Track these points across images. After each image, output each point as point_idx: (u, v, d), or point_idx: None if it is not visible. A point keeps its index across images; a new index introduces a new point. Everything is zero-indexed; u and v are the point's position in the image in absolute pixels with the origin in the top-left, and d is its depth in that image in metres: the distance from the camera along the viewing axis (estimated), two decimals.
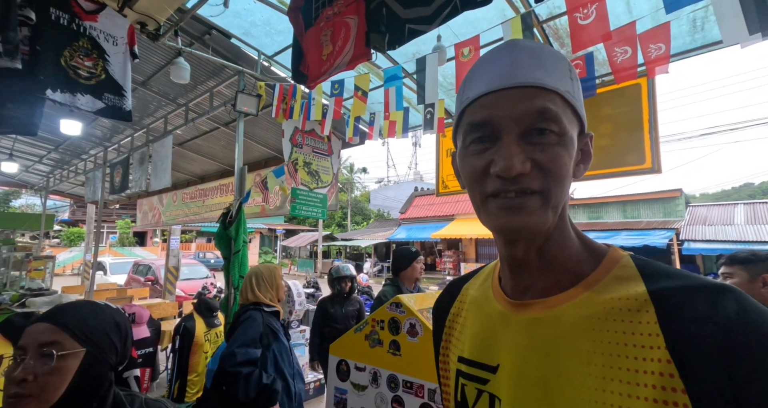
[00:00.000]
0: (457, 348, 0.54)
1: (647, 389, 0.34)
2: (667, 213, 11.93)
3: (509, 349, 0.45)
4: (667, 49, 1.88)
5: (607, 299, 0.40)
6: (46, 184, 9.25)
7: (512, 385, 0.43)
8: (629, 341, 0.37)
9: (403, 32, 1.27)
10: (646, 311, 0.37)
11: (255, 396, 1.57)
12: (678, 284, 0.37)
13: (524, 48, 0.43)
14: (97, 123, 5.39)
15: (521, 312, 0.45)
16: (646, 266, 0.41)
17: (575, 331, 0.40)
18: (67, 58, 1.87)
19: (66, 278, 15.88)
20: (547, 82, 0.40)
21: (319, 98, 3.01)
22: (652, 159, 2.52)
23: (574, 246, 0.45)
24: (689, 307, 0.35)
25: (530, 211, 0.40)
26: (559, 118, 0.40)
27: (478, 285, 0.55)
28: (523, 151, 0.40)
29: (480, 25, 2.63)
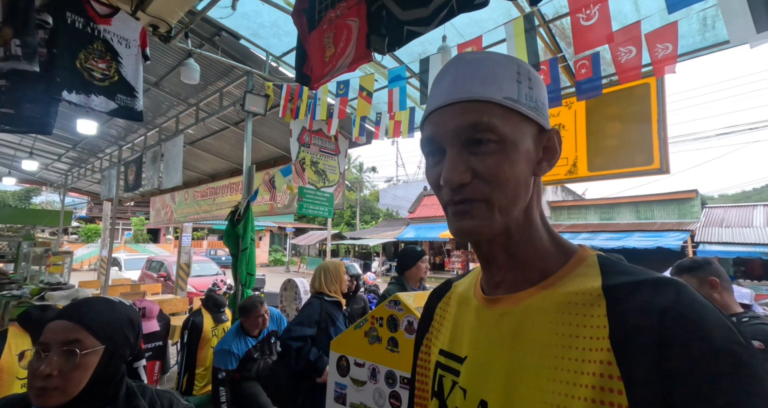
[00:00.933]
0: (439, 341, 0.56)
1: (590, 377, 0.36)
2: (681, 214, 11.65)
3: (476, 341, 0.47)
4: (675, 49, 1.85)
5: (566, 293, 0.42)
6: (64, 181, 9.54)
7: (476, 376, 0.46)
8: (581, 333, 0.38)
9: (402, 34, 1.29)
10: (598, 305, 0.39)
11: (302, 367, 1.92)
12: (629, 279, 0.39)
13: (467, 62, 0.45)
14: (112, 122, 5.55)
15: (492, 307, 0.47)
16: (608, 264, 0.43)
17: (537, 324, 0.42)
18: (82, 60, 1.94)
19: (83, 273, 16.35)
20: (482, 95, 0.42)
21: (324, 98, 3.04)
22: (660, 159, 2.48)
23: (543, 244, 0.47)
24: (633, 299, 0.37)
25: (476, 217, 0.43)
26: (494, 126, 0.42)
27: (467, 283, 0.58)
28: (464, 162, 0.42)
29: (486, 25, 2.62)
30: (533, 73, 0.46)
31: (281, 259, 25.23)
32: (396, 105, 2.32)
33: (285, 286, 4.57)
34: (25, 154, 7.18)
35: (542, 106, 0.46)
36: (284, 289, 4.57)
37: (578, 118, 3.02)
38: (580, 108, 3.01)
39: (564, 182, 3.11)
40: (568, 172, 3.03)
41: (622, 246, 10.48)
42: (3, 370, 1.66)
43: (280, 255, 25.83)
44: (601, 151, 2.86)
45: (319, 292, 2.19)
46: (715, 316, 0.34)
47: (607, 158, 2.82)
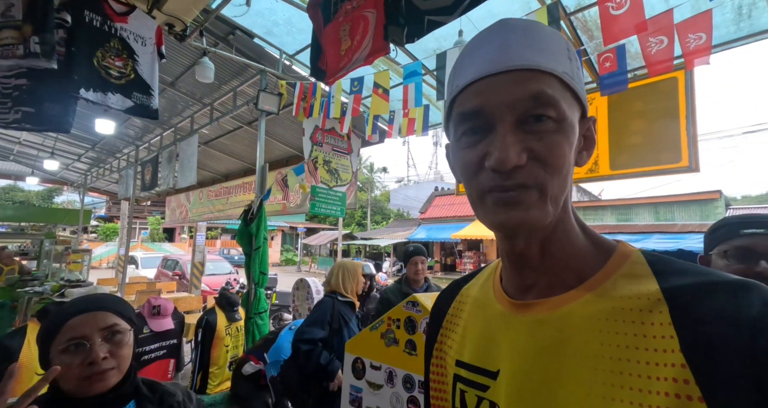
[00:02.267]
0: (453, 350, 0.50)
1: (659, 397, 0.31)
2: (704, 216, 11.24)
3: (510, 352, 0.42)
4: (709, 39, 1.75)
5: (616, 298, 0.36)
6: (84, 181, 9.80)
7: (512, 392, 0.40)
8: (640, 344, 0.34)
9: (422, 24, 1.24)
10: (659, 311, 0.34)
11: (312, 371, 1.86)
12: (695, 281, 0.34)
13: (516, 27, 0.38)
14: (130, 123, 5.65)
15: (523, 313, 0.42)
16: (659, 262, 0.38)
17: (581, 334, 0.37)
18: (99, 58, 1.95)
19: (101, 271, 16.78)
20: (543, 64, 0.36)
21: (338, 96, 3.01)
22: (689, 156, 2.36)
23: (579, 241, 0.41)
24: (707, 306, 0.32)
25: (528, 206, 0.37)
26: (557, 102, 0.36)
27: (480, 285, 0.52)
28: (520, 141, 0.36)
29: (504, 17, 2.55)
30: (575, 53, 0.40)
31: (293, 258, 25.42)
32: (411, 101, 2.27)
33: (297, 285, 4.56)
34: (47, 154, 7.39)
35: (584, 88, 0.40)
36: (296, 289, 4.57)
37: (600, 115, 2.91)
38: (602, 104, 2.90)
39: (585, 181, 3.00)
40: (589, 170, 2.92)
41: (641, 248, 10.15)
42: (23, 365, 1.67)
43: (291, 255, 26.03)
44: (624, 148, 2.75)
45: (333, 291, 2.14)
46: None
47: (630, 156, 2.71)
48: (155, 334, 2.37)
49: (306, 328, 1.94)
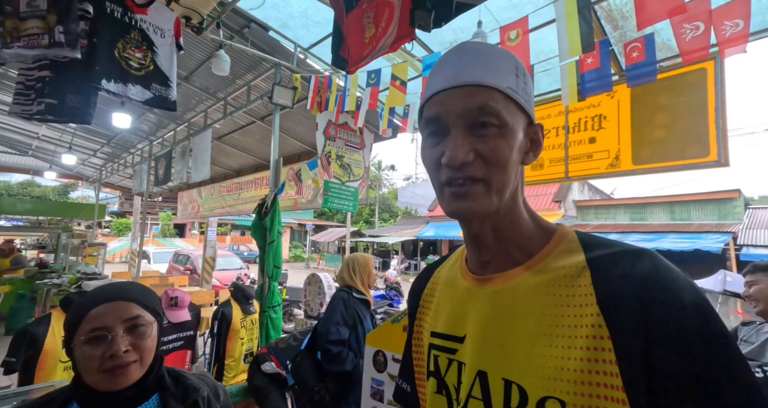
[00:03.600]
0: (428, 323, 0.59)
1: (583, 339, 0.40)
2: (722, 215, 10.95)
3: (474, 319, 0.50)
4: (747, 26, 1.67)
5: (553, 268, 0.46)
6: (99, 176, 9.97)
7: (475, 351, 0.49)
8: (570, 302, 0.43)
9: (451, 7, 1.20)
10: (584, 275, 0.43)
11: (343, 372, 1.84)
12: (609, 251, 0.44)
13: (471, 50, 0.48)
14: (144, 118, 5.71)
15: (484, 286, 0.51)
16: (588, 239, 0.48)
17: (528, 299, 0.46)
18: (120, 49, 1.95)
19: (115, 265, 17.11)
20: (488, 81, 0.45)
21: (354, 90, 2.98)
22: (718, 150, 2.28)
23: (526, 225, 0.50)
24: (614, 268, 0.42)
25: (475, 197, 0.46)
26: (499, 112, 0.45)
27: (449, 267, 0.61)
28: (468, 143, 0.45)
29: (525, 8, 2.49)
30: (526, 71, 0.50)
31: (301, 255, 25.58)
32: None
33: (309, 280, 4.57)
34: (64, 149, 7.52)
35: (532, 101, 0.50)
36: (308, 284, 4.57)
37: (622, 108, 2.83)
38: (624, 97, 2.82)
39: (605, 176, 2.93)
40: (610, 165, 2.84)
41: (656, 247, 9.92)
42: (47, 352, 1.69)
43: (300, 251, 26.19)
44: (647, 143, 2.67)
45: (347, 286, 2.13)
46: (684, 280, 0.40)
47: (654, 150, 2.62)
48: (173, 325, 2.39)
49: (331, 327, 1.89)
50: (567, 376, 0.40)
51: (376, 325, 2.06)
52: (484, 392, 0.46)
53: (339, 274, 2.23)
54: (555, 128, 3.25)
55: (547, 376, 0.41)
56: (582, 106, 3.06)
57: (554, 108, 3.25)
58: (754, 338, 1.50)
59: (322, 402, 1.93)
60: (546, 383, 0.41)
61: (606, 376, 0.38)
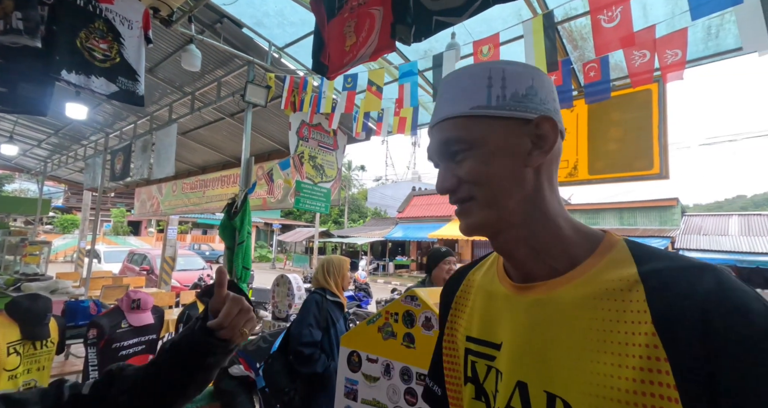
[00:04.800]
0: (463, 328, 0.59)
1: (635, 359, 0.38)
2: (663, 221, 12.04)
3: (512, 327, 0.49)
4: (684, 56, 1.89)
5: (602, 280, 0.44)
6: (43, 168, 9.14)
7: (514, 360, 0.48)
8: (621, 318, 0.41)
9: (431, 24, 1.27)
10: (636, 290, 0.41)
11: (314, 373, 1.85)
12: (665, 265, 0.41)
13: (446, 85, 0.52)
14: (99, 109, 5.34)
15: (524, 294, 0.49)
16: (638, 249, 0.45)
17: (573, 311, 0.44)
18: (82, 39, 1.84)
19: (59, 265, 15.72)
20: (451, 112, 0.49)
21: (330, 93, 2.99)
22: (660, 165, 2.54)
23: (564, 233, 0.48)
24: (673, 285, 0.39)
25: (470, 214, 0.49)
26: (460, 137, 0.48)
27: (484, 271, 0.60)
28: (449, 171, 0.50)
29: (495, 23, 2.63)
30: (508, 72, 0.48)
31: (267, 255, 24.88)
32: (407, 100, 2.30)
33: (278, 281, 4.49)
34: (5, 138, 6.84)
35: (524, 97, 0.47)
36: (277, 285, 4.50)
37: (580, 122, 3.06)
38: (583, 112, 3.05)
39: (564, 185, 3.15)
40: (569, 174, 3.07)
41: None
42: None
43: (266, 251, 25.47)
44: (601, 154, 2.91)
45: (322, 288, 2.14)
46: (754, 299, 0.36)
47: (607, 162, 2.87)
48: (134, 329, 2.27)
49: (304, 329, 1.90)
50: (617, 395, 0.38)
51: (350, 327, 2.09)
52: (524, 403, 0.45)
53: (314, 275, 2.24)
54: None
55: (595, 393, 0.39)
56: None
57: None
58: None
59: (291, 403, 1.93)
60: (594, 400, 0.39)
61: (662, 400, 0.36)
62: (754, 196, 54.11)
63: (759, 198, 50.44)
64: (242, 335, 0.61)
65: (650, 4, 2.23)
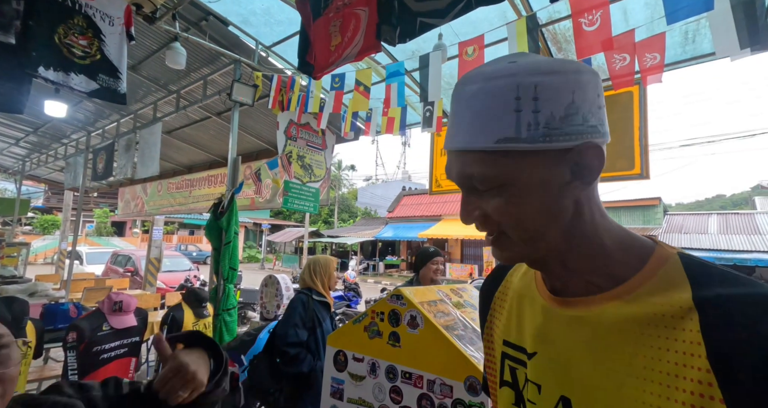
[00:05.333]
0: (500, 330, 0.57)
1: (685, 394, 0.35)
2: (646, 220, 12.35)
3: (551, 340, 0.47)
4: (662, 59, 1.94)
5: (651, 303, 0.40)
6: (21, 167, 8.86)
7: (551, 373, 0.46)
8: (671, 347, 0.37)
9: (415, 25, 1.28)
10: (690, 319, 0.37)
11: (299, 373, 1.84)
12: (726, 292, 0.37)
13: (463, 98, 0.43)
14: (81, 106, 5.20)
15: (563, 308, 0.46)
16: (695, 268, 0.40)
17: (618, 333, 0.41)
18: (61, 35, 1.80)
19: (39, 267, 15.25)
20: (472, 144, 0.42)
21: (317, 92, 2.98)
22: (641, 165, 2.61)
23: (606, 251, 0.44)
24: (734, 317, 0.35)
25: (504, 248, 0.46)
26: (486, 177, 0.42)
27: (521, 275, 0.58)
28: (473, 202, 0.45)
29: (481, 25, 2.66)
30: (543, 87, 0.40)
31: (256, 256, 24.62)
32: (394, 100, 2.31)
33: (266, 282, 4.46)
34: None
35: (563, 120, 0.40)
36: (265, 286, 4.46)
37: None
38: None
39: None
40: None
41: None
42: None
43: (255, 252, 25.20)
44: None
45: (308, 288, 2.14)
46: None
47: None
48: (115, 332, 2.23)
49: (290, 330, 1.89)
50: None
51: (336, 326, 2.09)
52: None
53: (300, 275, 2.23)
54: None
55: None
56: None
57: None
58: None
59: (276, 404, 1.92)
60: None
61: None
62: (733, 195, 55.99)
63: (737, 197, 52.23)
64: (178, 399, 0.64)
65: (630, 9, 2.28)
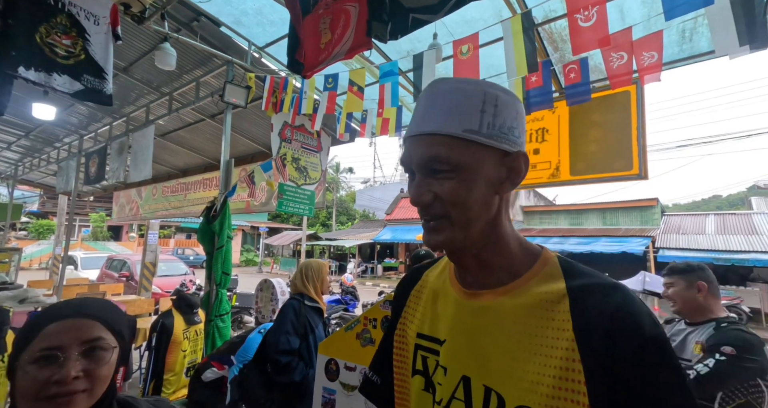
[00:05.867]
0: (415, 324, 0.63)
1: (557, 360, 0.46)
2: (644, 221, 12.35)
3: (459, 328, 0.56)
4: (660, 58, 1.91)
5: (536, 293, 0.51)
6: (14, 172, 8.76)
7: (460, 357, 0.54)
8: (549, 325, 0.48)
9: (407, 21, 1.24)
10: (562, 303, 0.49)
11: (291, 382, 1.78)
12: (586, 282, 0.50)
13: (436, 94, 0.52)
14: (73, 110, 5.13)
15: (472, 300, 0.56)
16: (568, 267, 0.53)
17: (512, 318, 0.51)
18: (42, 34, 1.74)
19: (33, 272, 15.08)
20: (442, 129, 0.50)
21: (311, 93, 2.94)
22: (639, 165, 2.57)
23: (510, 250, 0.55)
24: (590, 300, 0.48)
25: (440, 232, 0.52)
26: (450, 159, 0.50)
27: (437, 274, 0.66)
28: (426, 185, 0.52)
29: (476, 24, 2.62)
30: (501, 100, 0.51)
31: (254, 259, 24.48)
32: (388, 101, 2.27)
33: (261, 286, 4.39)
34: None
35: (509, 130, 0.51)
36: (260, 290, 4.39)
37: (561, 123, 3.09)
38: (564, 113, 3.08)
39: (547, 186, 3.17)
40: (551, 175, 3.09)
41: (590, 251, 10.94)
42: None
43: (252, 255, 25.05)
44: (582, 155, 2.94)
45: (300, 293, 2.08)
46: (647, 315, 0.46)
47: (588, 163, 2.89)
48: None
49: (281, 337, 1.83)
50: (541, 389, 0.46)
51: (329, 332, 2.04)
52: (467, 395, 0.52)
53: (292, 280, 2.17)
54: None
55: (523, 387, 0.47)
56: (528, 119, 3.29)
57: None
58: (674, 336, 1.68)
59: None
60: (522, 393, 0.47)
61: (574, 394, 0.44)
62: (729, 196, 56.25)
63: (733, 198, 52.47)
64: None
65: (627, 7, 2.25)
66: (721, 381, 1.37)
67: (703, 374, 1.38)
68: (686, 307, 1.61)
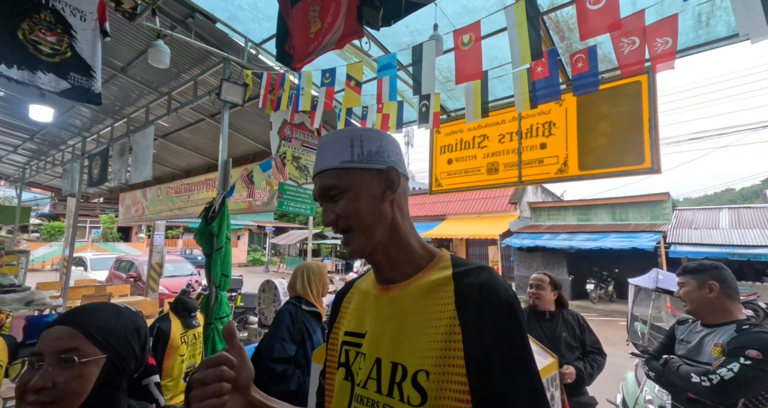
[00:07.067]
0: (344, 325, 0.74)
1: (444, 328, 0.58)
2: (654, 216, 12.06)
3: (376, 319, 0.66)
4: (674, 44, 1.78)
5: (431, 280, 0.64)
6: (21, 175, 8.85)
7: (375, 343, 0.64)
8: (439, 302, 0.60)
9: (400, 5, 1.15)
10: (449, 285, 0.61)
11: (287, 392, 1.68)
12: (466, 268, 0.63)
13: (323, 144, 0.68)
14: (75, 111, 5.13)
15: (386, 293, 0.67)
16: (456, 260, 0.66)
17: (413, 302, 0.63)
18: (25, 31, 1.68)
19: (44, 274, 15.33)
20: (326, 165, 0.66)
21: (308, 89, 2.85)
22: (651, 159, 2.44)
23: (414, 249, 0.68)
24: (466, 279, 0.60)
25: (352, 242, 0.65)
26: (338, 184, 0.65)
27: (366, 280, 0.76)
28: (329, 209, 0.66)
29: (478, 14, 2.51)
30: (364, 135, 0.67)
31: (260, 258, 24.60)
32: (386, 95, 2.17)
33: (263, 287, 4.34)
34: None
35: (377, 153, 0.67)
36: (263, 291, 4.34)
37: (569, 116, 2.96)
38: (571, 106, 2.95)
39: (554, 181, 3.05)
40: (559, 170, 2.97)
41: (600, 247, 10.73)
42: None
43: (259, 255, 25.17)
44: (591, 150, 2.81)
45: (298, 297, 2.00)
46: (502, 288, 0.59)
47: (597, 157, 2.77)
48: None
49: (276, 344, 1.74)
50: (431, 354, 0.57)
51: None
52: (378, 373, 0.61)
53: (290, 283, 2.09)
54: (509, 133, 3.34)
55: (420, 355, 0.57)
56: (534, 113, 3.17)
57: (508, 113, 3.34)
58: (689, 337, 1.59)
59: None
60: (419, 360, 0.57)
61: (455, 351, 0.56)
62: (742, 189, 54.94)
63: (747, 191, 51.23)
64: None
65: None
66: (747, 386, 1.30)
67: (727, 379, 1.30)
68: (699, 308, 1.55)
